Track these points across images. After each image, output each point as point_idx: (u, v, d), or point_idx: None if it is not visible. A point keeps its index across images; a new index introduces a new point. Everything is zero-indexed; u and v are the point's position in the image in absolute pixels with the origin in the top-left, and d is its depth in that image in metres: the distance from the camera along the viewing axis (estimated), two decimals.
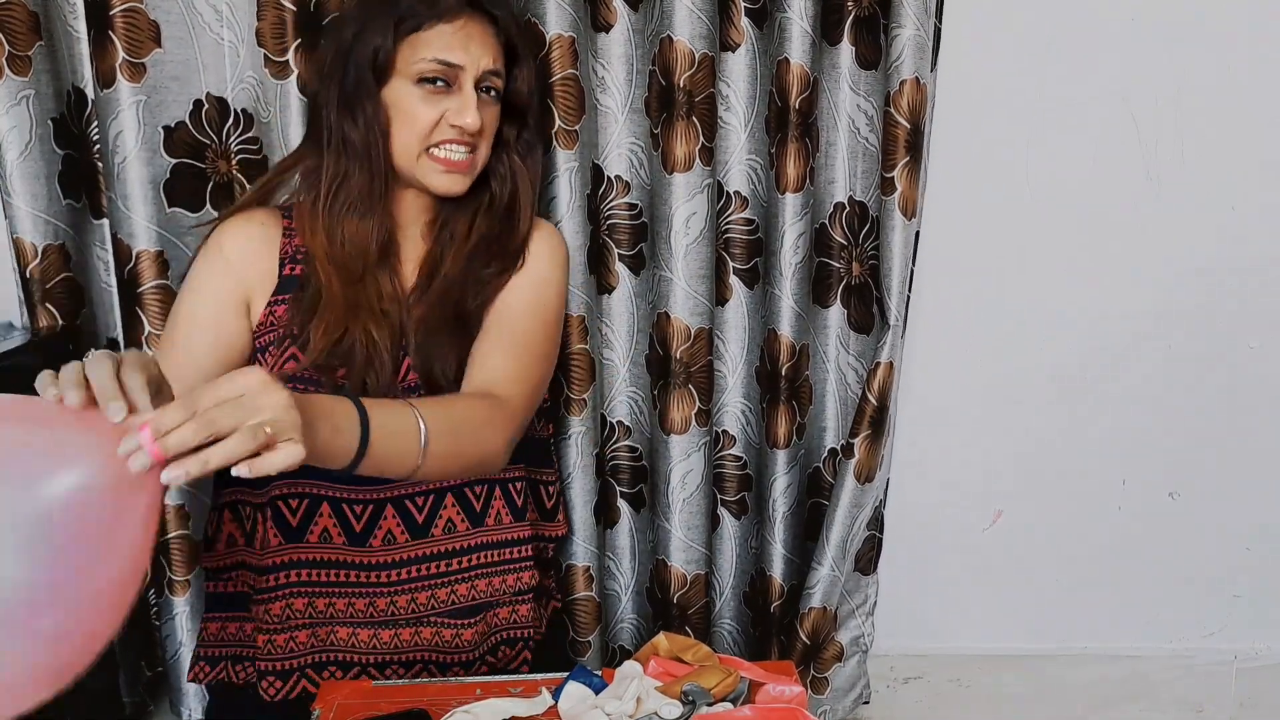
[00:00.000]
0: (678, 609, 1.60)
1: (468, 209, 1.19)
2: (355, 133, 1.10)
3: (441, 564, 1.17)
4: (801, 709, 0.90)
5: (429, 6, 1.09)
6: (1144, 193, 1.59)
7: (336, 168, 1.12)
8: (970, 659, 1.78)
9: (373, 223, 1.12)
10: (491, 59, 1.12)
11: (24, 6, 1.29)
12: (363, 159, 1.11)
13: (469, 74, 1.10)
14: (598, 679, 0.96)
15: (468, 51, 1.09)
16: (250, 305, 1.13)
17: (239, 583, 1.18)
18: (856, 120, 1.47)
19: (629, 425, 1.58)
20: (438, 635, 1.17)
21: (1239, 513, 1.72)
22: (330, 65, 1.12)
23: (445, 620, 1.17)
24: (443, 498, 1.16)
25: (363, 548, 1.14)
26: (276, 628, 1.13)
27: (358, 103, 1.10)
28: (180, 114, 1.35)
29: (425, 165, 1.12)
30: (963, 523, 1.73)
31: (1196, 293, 1.63)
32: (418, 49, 1.09)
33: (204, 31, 1.34)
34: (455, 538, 1.17)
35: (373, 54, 1.09)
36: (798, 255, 1.48)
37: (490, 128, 1.14)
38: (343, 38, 1.12)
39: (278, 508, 1.12)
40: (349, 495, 1.13)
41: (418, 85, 1.09)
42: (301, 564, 1.13)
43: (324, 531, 1.13)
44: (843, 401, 1.59)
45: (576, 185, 1.40)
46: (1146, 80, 1.54)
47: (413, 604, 1.16)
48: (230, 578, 1.18)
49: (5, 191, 1.32)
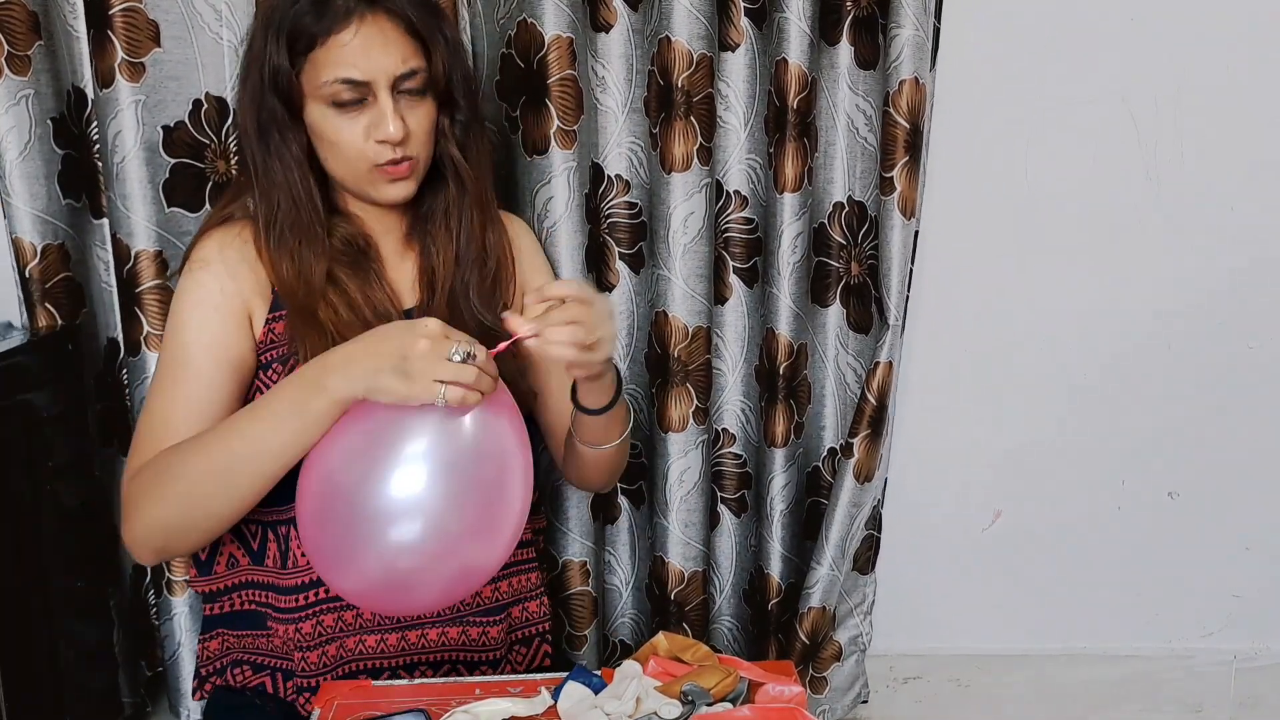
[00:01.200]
0: (676, 605, 1.60)
1: (436, 211, 1.15)
2: (273, 163, 1.07)
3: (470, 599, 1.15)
4: (801, 709, 0.90)
5: (318, 18, 1.02)
6: (1144, 193, 1.58)
7: (267, 201, 1.08)
8: (970, 659, 1.78)
9: (313, 253, 1.08)
10: (400, 58, 1.04)
11: (24, 6, 1.29)
12: (284, 189, 1.07)
13: (380, 84, 1.03)
14: (597, 679, 0.96)
15: (370, 61, 1.03)
16: (251, 318, 1.09)
17: (243, 601, 1.15)
18: (855, 120, 1.47)
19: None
20: (465, 634, 1.15)
21: (1239, 513, 1.72)
22: (243, 94, 1.08)
23: (472, 619, 1.16)
24: None
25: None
26: (309, 645, 1.11)
27: (270, 133, 1.06)
28: (179, 114, 1.35)
29: (374, 179, 1.08)
30: (962, 523, 1.73)
31: (1196, 293, 1.63)
32: (319, 69, 1.03)
33: (203, 31, 1.33)
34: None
35: (274, 77, 1.04)
36: (796, 255, 1.48)
37: (421, 127, 1.08)
38: (249, 61, 1.07)
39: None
40: None
41: (331, 108, 1.04)
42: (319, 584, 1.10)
43: None
44: (842, 401, 1.59)
45: (575, 185, 1.40)
46: (1146, 80, 1.54)
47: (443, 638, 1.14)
48: (231, 599, 1.15)
49: (5, 191, 1.31)
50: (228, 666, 1.16)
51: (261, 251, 1.09)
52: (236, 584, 1.15)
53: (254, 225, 1.10)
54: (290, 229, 1.08)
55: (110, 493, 1.47)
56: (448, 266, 1.15)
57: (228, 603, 1.16)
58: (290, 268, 1.07)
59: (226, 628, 1.16)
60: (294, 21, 1.03)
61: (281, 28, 1.03)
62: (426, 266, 1.16)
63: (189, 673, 1.49)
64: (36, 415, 1.29)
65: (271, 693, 1.14)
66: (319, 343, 1.04)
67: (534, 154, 1.41)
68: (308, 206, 1.08)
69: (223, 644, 1.17)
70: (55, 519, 1.32)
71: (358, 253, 1.12)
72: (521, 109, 1.40)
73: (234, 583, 1.15)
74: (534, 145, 1.40)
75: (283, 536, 1.11)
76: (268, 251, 1.08)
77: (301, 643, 1.10)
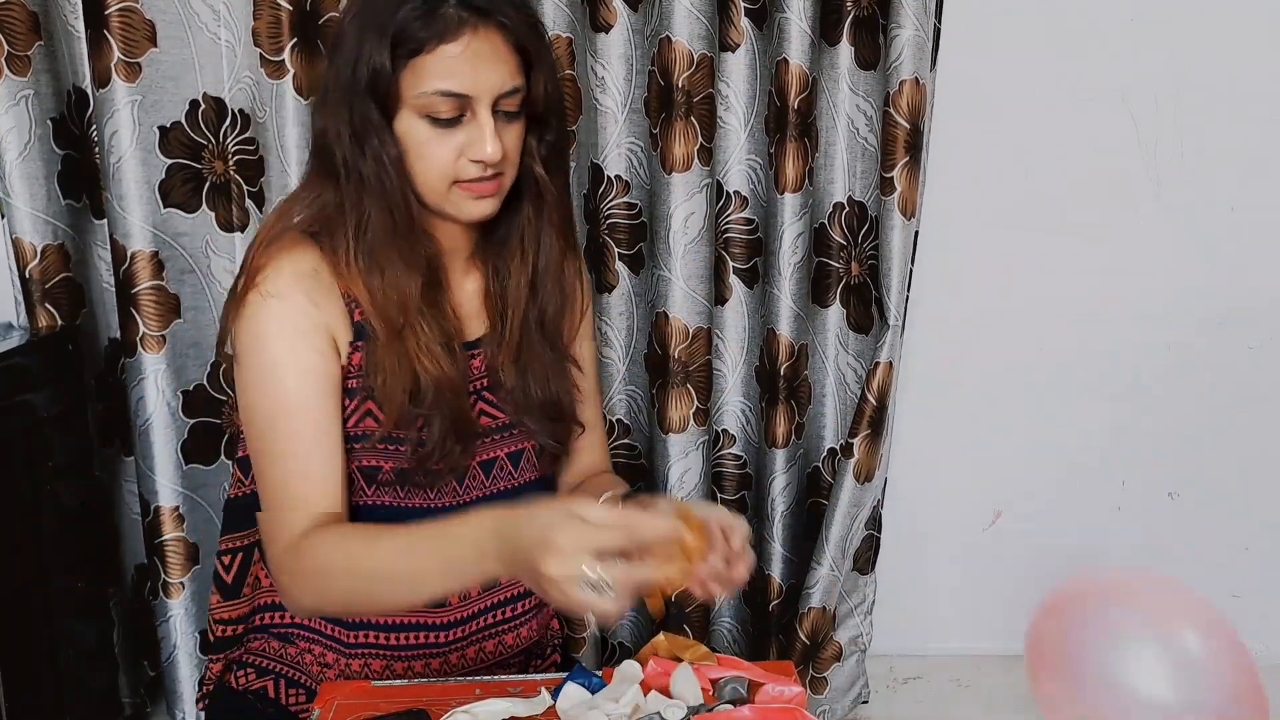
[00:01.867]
0: (676, 608, 1.60)
1: (511, 233, 1.08)
2: (368, 168, 0.98)
3: (508, 610, 1.13)
4: (801, 709, 0.90)
5: (427, 24, 0.94)
6: (1144, 193, 1.58)
7: (358, 207, 0.99)
8: (970, 659, 1.78)
9: (406, 266, 1.00)
10: (507, 76, 0.97)
11: (24, 6, 1.29)
12: (378, 196, 0.98)
13: (483, 101, 0.96)
14: (597, 679, 0.96)
15: (477, 77, 0.96)
16: (337, 343, 1.00)
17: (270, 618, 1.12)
18: (856, 120, 1.47)
19: (627, 424, 1.58)
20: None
21: (1239, 513, 1.72)
22: (333, 91, 0.99)
23: (503, 663, 1.14)
24: None
25: (441, 607, 1.09)
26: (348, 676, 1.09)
27: (366, 136, 0.97)
28: (176, 114, 1.35)
29: (455, 196, 1.00)
30: (962, 523, 1.73)
31: (1196, 292, 1.63)
32: (421, 77, 0.95)
33: (200, 31, 1.33)
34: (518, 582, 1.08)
35: (372, 79, 0.96)
36: (797, 255, 1.48)
37: (515, 147, 1.01)
38: (342, 59, 0.98)
39: None
40: None
41: (424, 119, 0.97)
42: (383, 628, 1.08)
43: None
44: (842, 401, 1.59)
45: (574, 185, 1.40)
46: (1146, 80, 1.54)
47: (480, 654, 1.12)
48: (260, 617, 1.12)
49: (5, 191, 1.31)
50: (227, 670, 1.16)
51: (343, 271, 1.01)
52: (264, 605, 1.12)
53: (327, 250, 1.01)
54: (389, 239, 0.99)
55: (110, 493, 1.47)
56: (520, 291, 1.08)
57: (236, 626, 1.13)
58: (382, 283, 0.99)
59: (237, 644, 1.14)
60: (400, 23, 0.95)
61: (385, 28, 0.95)
62: (495, 290, 1.09)
63: (186, 674, 1.50)
64: (36, 415, 1.29)
65: (273, 697, 1.14)
66: (397, 374, 0.99)
67: None
68: (404, 216, 0.99)
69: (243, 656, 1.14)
70: (55, 519, 1.32)
71: (433, 274, 1.04)
72: None
73: (262, 603, 1.12)
74: None
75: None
76: (355, 265, 1.00)
77: (343, 673, 1.09)
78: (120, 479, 1.47)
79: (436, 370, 1.00)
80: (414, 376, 1.00)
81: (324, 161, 1.01)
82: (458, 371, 1.02)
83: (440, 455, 1.02)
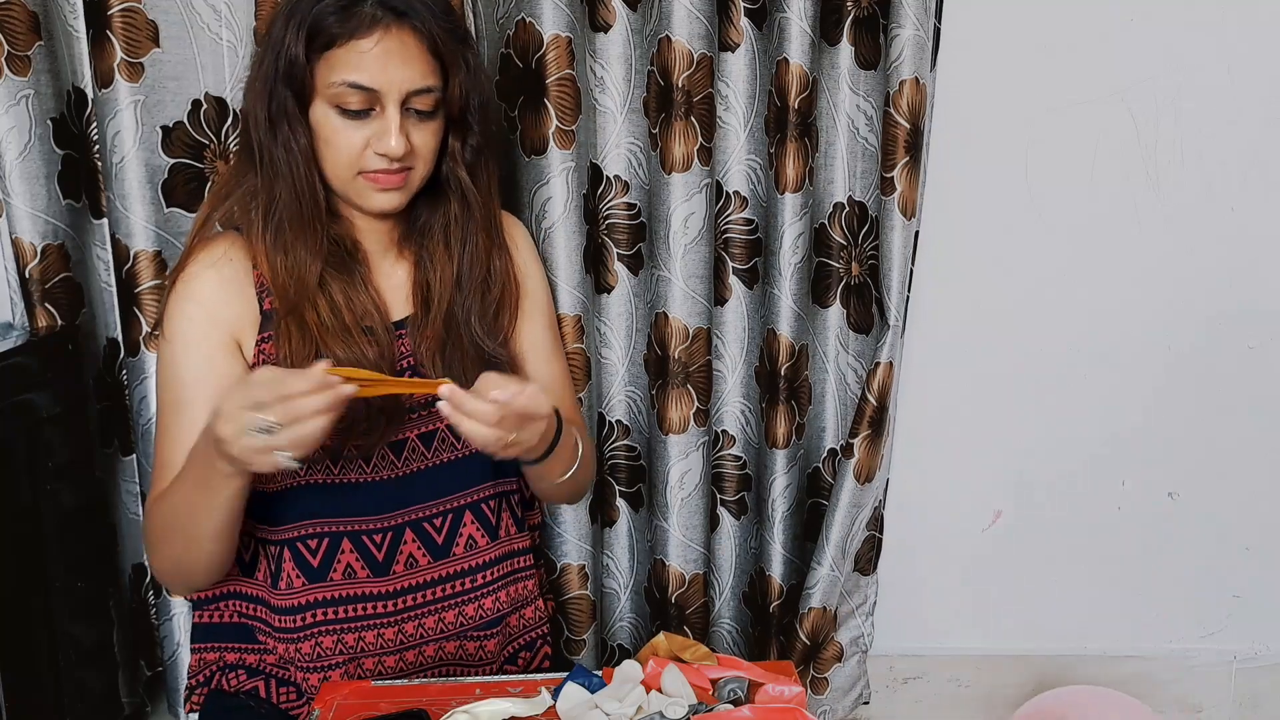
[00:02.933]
0: (676, 608, 1.60)
1: (434, 226, 1.14)
2: (279, 153, 1.04)
3: (465, 581, 1.15)
4: (801, 709, 0.90)
5: (343, 20, 1.01)
6: (1144, 193, 1.58)
7: (268, 189, 1.06)
8: (970, 659, 1.78)
9: (308, 249, 1.06)
10: (417, 75, 1.03)
11: (24, 6, 1.29)
12: (287, 182, 1.05)
13: (390, 96, 1.02)
14: (597, 679, 0.96)
15: (386, 73, 1.02)
16: (241, 345, 1.08)
17: (231, 613, 1.16)
18: (856, 120, 1.47)
19: (627, 424, 1.58)
20: (462, 649, 1.16)
21: (1239, 513, 1.72)
22: (256, 79, 1.06)
23: (471, 633, 1.16)
24: (461, 515, 1.15)
25: (386, 576, 1.12)
26: (309, 667, 1.11)
27: (279, 122, 1.04)
28: (178, 114, 1.35)
29: (360, 185, 1.06)
30: (962, 523, 1.73)
31: (1196, 293, 1.63)
32: (333, 69, 1.02)
33: (202, 31, 1.33)
34: (476, 553, 1.16)
35: (289, 68, 1.02)
36: (797, 255, 1.48)
37: (426, 145, 1.07)
38: (267, 48, 1.05)
39: (297, 549, 1.10)
40: (368, 526, 1.11)
41: (337, 110, 1.03)
42: (327, 603, 1.11)
43: (347, 568, 1.11)
44: (842, 402, 1.59)
45: (574, 185, 1.40)
46: (1146, 80, 1.54)
47: (440, 624, 1.15)
48: (219, 607, 1.16)
49: (5, 191, 1.31)
50: (219, 672, 1.16)
51: (254, 255, 1.08)
52: (224, 593, 1.15)
53: (242, 235, 1.09)
54: (290, 223, 1.06)
55: (110, 493, 1.47)
56: (445, 286, 1.13)
57: (215, 612, 1.16)
58: (284, 263, 1.06)
59: (216, 640, 1.16)
60: (317, 17, 1.01)
61: (304, 20, 1.01)
62: (421, 279, 1.14)
63: (186, 674, 1.49)
64: (36, 415, 1.29)
65: (265, 697, 1.14)
66: (301, 345, 1.04)
67: (532, 154, 1.40)
68: (309, 202, 1.06)
69: (220, 657, 1.16)
70: (55, 519, 1.32)
71: (344, 254, 1.10)
72: (520, 109, 1.40)
73: (222, 591, 1.15)
74: (532, 145, 1.40)
75: (274, 556, 1.11)
76: (262, 244, 1.07)
77: (302, 663, 1.11)
78: (120, 479, 1.47)
79: (344, 351, 1.05)
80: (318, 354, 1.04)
81: (246, 145, 1.09)
82: (376, 350, 1.07)
83: (366, 429, 1.07)
